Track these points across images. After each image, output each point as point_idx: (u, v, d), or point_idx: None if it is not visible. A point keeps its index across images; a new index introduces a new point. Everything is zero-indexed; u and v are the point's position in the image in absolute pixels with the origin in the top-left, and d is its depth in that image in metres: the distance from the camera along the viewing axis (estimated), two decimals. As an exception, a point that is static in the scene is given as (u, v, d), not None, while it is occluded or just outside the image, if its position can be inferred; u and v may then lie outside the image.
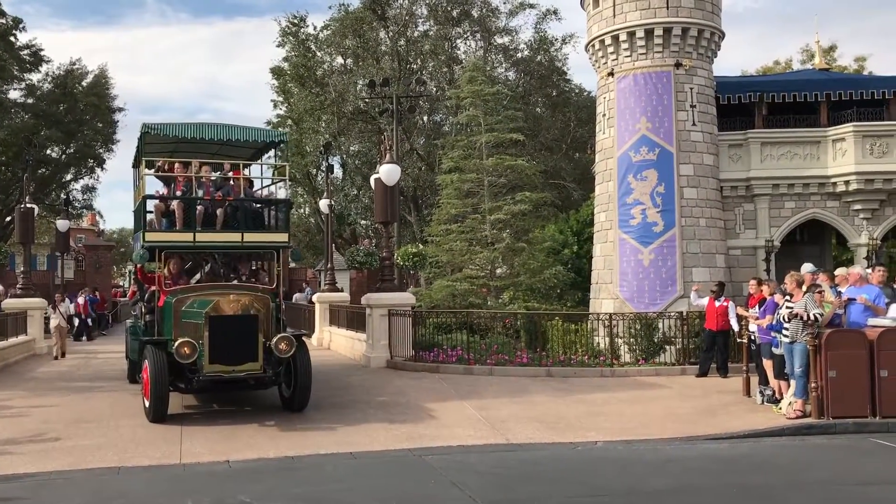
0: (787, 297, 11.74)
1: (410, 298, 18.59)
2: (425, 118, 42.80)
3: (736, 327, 14.93)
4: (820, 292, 11.55)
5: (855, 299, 11.70)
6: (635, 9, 24.63)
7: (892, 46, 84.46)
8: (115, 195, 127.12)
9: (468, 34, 43.01)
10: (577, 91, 45.75)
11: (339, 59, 43.32)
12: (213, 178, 13.42)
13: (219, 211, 12.76)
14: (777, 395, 12.25)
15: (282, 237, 12.97)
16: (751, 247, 25.34)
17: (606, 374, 16.02)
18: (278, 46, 44.01)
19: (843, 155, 24.92)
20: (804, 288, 11.66)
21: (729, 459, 9.09)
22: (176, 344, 10.93)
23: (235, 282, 12.99)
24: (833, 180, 25.06)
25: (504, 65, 42.54)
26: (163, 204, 12.91)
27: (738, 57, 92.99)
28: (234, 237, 12.60)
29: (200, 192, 12.96)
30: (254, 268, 13.65)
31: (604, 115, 25.84)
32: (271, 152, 15.50)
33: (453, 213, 26.34)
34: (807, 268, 13.38)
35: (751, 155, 25.38)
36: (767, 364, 12.47)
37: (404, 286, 26.97)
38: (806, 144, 25.45)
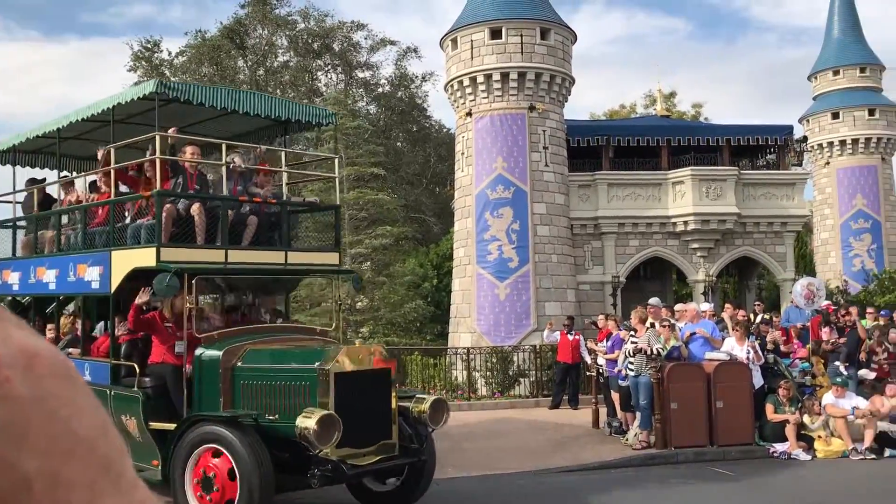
0: (632, 333, 12.43)
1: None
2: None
3: (588, 360, 15.62)
4: (670, 326, 12.28)
5: (695, 333, 12.55)
6: (492, 52, 25.53)
7: (725, 93, 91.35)
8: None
9: (329, 67, 43.12)
10: (437, 127, 46.68)
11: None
12: (240, 170, 9.70)
13: (250, 219, 9.28)
14: (624, 427, 12.90)
15: (334, 258, 10.08)
16: (599, 282, 26.57)
17: (464, 407, 16.32)
18: (129, 71, 42.47)
19: (681, 197, 26.67)
20: (648, 323, 12.40)
21: (578, 490, 9.48)
22: (304, 421, 7.16)
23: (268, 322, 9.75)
24: (673, 220, 26.75)
25: (365, 99, 42.86)
26: (174, 208, 8.92)
27: (590, 99, 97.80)
28: (274, 257, 9.43)
29: (224, 191, 9.36)
30: (277, 306, 10.55)
31: (462, 153, 26.52)
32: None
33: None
34: (655, 302, 14.22)
35: (598, 195, 26.71)
36: (615, 396, 13.12)
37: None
38: (648, 186, 27.07)
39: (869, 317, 15.09)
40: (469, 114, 26.03)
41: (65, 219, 10.88)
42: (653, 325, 12.25)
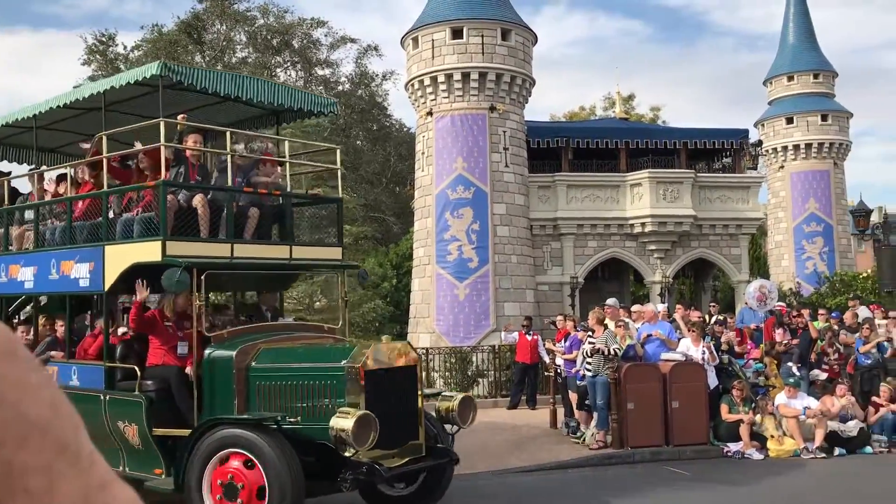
0: (589, 333, 12.50)
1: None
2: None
3: (546, 360, 15.68)
4: (624, 325, 12.38)
5: (651, 335, 12.65)
6: (453, 52, 25.51)
7: (683, 96, 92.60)
8: None
9: (288, 64, 42.75)
10: (397, 126, 46.57)
11: None
12: (244, 160, 9.32)
13: (252, 211, 8.86)
14: (582, 427, 12.96)
15: (337, 253, 9.73)
16: (557, 283, 26.71)
17: (422, 408, 16.25)
18: (83, 64, 41.64)
19: (639, 199, 26.94)
20: (605, 323, 12.48)
21: (536, 490, 9.49)
22: (340, 421, 6.79)
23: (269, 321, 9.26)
24: (631, 222, 27.00)
25: (325, 96, 42.58)
26: (175, 199, 8.37)
27: (551, 101, 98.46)
28: (279, 252, 9.03)
29: (229, 181, 8.77)
30: (275, 303, 10.18)
31: (423, 153, 26.46)
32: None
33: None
34: (612, 302, 14.32)
35: (558, 196, 26.86)
36: (573, 396, 13.17)
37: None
38: (607, 188, 27.29)
39: (820, 318, 15.37)
40: (430, 113, 25.98)
41: (29, 214, 10.27)
42: (606, 326, 12.33)
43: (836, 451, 11.66)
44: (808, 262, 37.14)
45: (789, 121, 38.97)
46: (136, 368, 7.92)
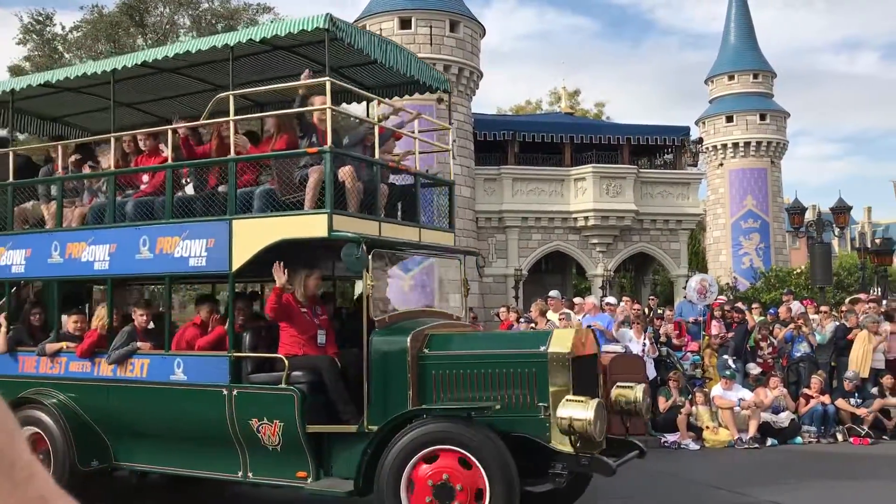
0: (532, 325, 12.62)
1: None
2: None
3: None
4: (566, 317, 12.54)
5: (591, 326, 12.84)
6: (401, 42, 25.39)
7: (628, 92, 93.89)
8: None
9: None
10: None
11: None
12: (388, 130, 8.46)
13: (381, 189, 7.91)
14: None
15: (450, 238, 8.98)
16: (502, 275, 26.91)
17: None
18: (19, 44, 40.35)
19: (583, 193, 27.28)
20: (548, 315, 12.62)
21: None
22: (575, 411, 6.18)
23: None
24: (574, 216, 27.33)
25: (270, 84, 42.07)
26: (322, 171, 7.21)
27: (498, 94, 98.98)
28: (411, 234, 8.18)
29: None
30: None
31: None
32: None
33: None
34: (555, 294, 14.48)
35: (503, 189, 27.04)
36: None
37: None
38: (552, 182, 27.56)
39: (754, 311, 15.79)
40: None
41: (51, 189, 9.04)
42: (548, 318, 12.47)
43: (769, 441, 12.01)
44: (745, 257, 38.12)
45: (729, 119, 39.85)
46: (284, 359, 6.97)
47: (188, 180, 8.01)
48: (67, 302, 8.98)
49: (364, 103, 9.95)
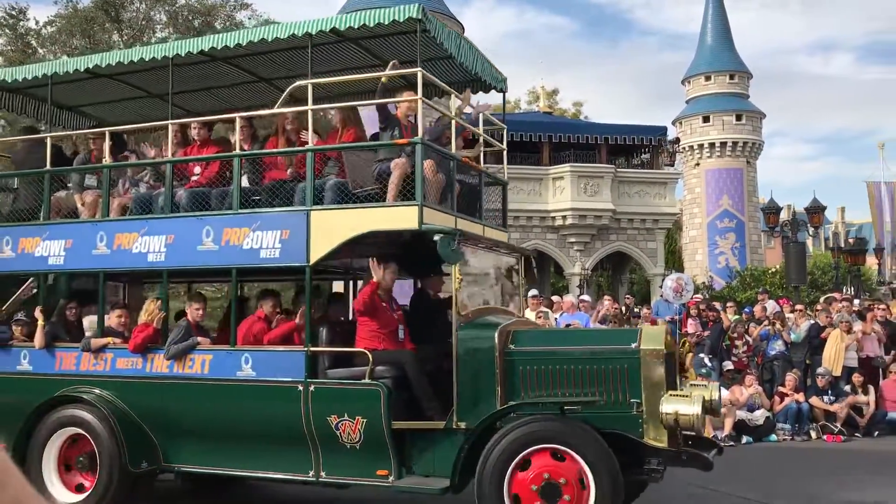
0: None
1: None
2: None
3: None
4: (544, 314, 12.58)
5: (570, 324, 12.88)
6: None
7: (606, 92, 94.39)
8: None
9: (210, 46, 41.78)
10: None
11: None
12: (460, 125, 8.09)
13: (439, 177, 7.50)
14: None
15: (504, 236, 8.83)
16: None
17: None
18: (-9, 38, 39.81)
19: (561, 192, 27.37)
20: (526, 314, 12.64)
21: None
22: (684, 406, 6.18)
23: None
24: (552, 214, 27.42)
25: (247, 81, 41.79)
26: (407, 163, 7.05)
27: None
28: (476, 230, 7.98)
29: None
30: None
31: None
32: None
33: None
34: (534, 293, 14.52)
35: (482, 187, 27.09)
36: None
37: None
38: (530, 181, 27.63)
39: (729, 310, 15.93)
40: (355, 101, 25.79)
41: (85, 179, 8.69)
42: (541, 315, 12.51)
43: (744, 438, 12.12)
44: (721, 256, 38.46)
45: (705, 119, 40.17)
46: (369, 353, 6.77)
47: (244, 171, 7.73)
48: (80, 297, 8.65)
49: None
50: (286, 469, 7.07)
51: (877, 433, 12.60)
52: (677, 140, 36.08)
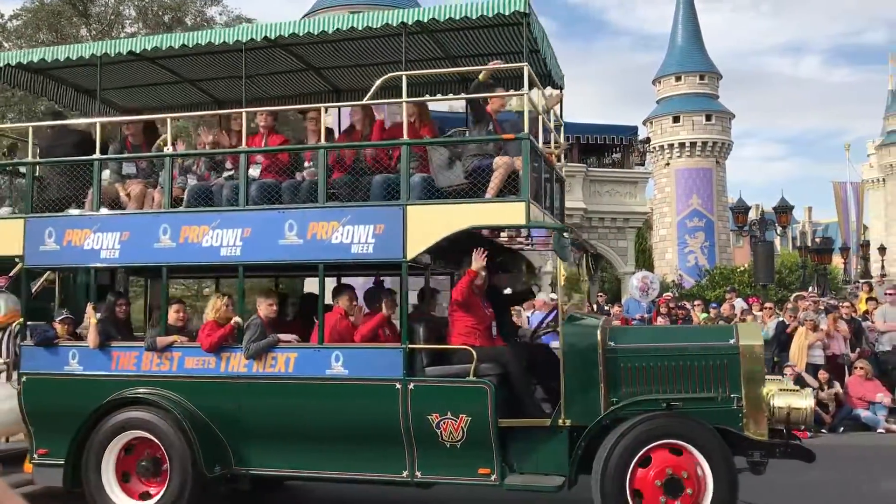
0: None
1: None
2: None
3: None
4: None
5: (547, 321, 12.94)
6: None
7: (580, 92, 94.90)
8: None
9: (180, 42, 41.36)
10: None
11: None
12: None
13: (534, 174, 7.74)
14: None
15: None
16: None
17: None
18: (-45, 32, 39.08)
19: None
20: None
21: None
22: (797, 400, 6.45)
23: None
24: (524, 213, 27.55)
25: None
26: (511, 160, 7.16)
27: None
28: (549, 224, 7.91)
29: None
30: None
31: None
32: None
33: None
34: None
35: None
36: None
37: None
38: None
39: (697, 308, 16.11)
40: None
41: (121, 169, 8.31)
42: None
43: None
44: (690, 255, 38.84)
45: (676, 119, 40.54)
46: (473, 350, 6.72)
47: (310, 163, 7.58)
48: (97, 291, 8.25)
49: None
50: (376, 469, 6.90)
51: (842, 429, 12.80)
52: (648, 140, 36.38)
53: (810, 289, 23.49)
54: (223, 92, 9.64)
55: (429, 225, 6.89)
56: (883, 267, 44.28)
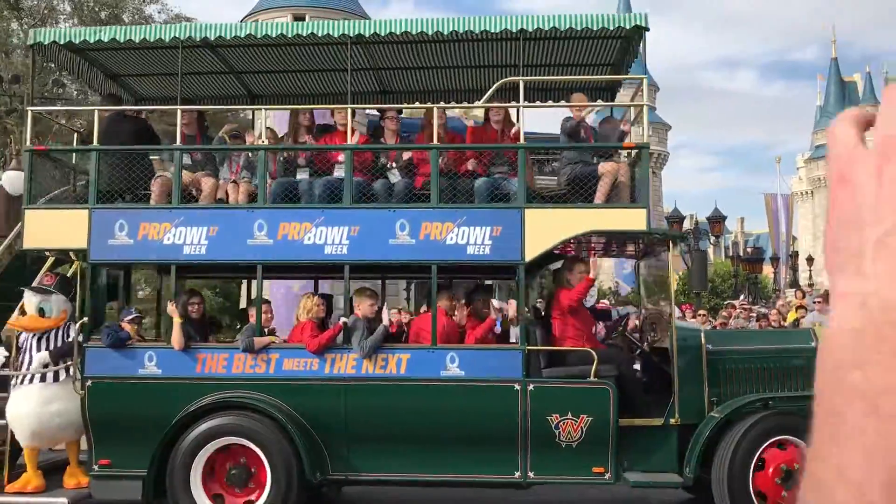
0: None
1: None
2: (63, 121, 39.27)
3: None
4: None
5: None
6: (294, 39, 25.16)
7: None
8: None
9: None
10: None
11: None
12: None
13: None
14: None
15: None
16: (393, 277, 26.91)
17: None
18: None
19: (474, 197, 27.65)
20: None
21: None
22: None
23: None
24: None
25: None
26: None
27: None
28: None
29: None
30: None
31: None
32: None
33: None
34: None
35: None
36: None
37: None
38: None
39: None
40: (267, 100, 25.45)
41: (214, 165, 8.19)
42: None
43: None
44: (627, 263, 39.43)
45: (615, 130, 41.14)
46: (593, 352, 6.89)
47: (392, 165, 7.56)
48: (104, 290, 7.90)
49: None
50: (487, 471, 6.88)
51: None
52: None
53: (742, 297, 24.08)
54: (260, 86, 9.60)
55: (547, 228, 7.01)
56: (811, 276, 45.71)
